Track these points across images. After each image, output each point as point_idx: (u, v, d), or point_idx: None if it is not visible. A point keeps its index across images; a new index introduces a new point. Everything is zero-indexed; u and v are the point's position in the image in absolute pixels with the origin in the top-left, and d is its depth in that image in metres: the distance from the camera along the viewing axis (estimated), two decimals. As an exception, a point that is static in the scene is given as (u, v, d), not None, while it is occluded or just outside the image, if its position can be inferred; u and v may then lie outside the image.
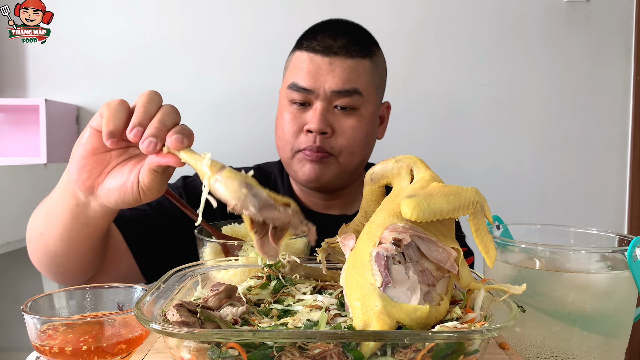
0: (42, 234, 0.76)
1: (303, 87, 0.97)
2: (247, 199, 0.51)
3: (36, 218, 0.79)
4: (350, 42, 0.99)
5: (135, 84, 2.00)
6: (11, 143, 2.00)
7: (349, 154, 0.99)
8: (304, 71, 0.97)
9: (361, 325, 0.44)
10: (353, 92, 0.97)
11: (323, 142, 0.97)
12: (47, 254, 0.77)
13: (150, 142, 0.55)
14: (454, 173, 1.96)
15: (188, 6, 1.99)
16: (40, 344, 0.59)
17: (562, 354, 0.67)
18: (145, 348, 0.57)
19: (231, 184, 0.51)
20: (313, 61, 0.97)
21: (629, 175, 2.01)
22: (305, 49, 0.99)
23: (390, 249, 0.47)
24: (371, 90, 1.01)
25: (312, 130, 0.97)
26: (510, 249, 0.73)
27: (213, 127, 1.99)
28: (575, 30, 1.98)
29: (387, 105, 1.11)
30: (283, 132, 1.01)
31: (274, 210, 0.53)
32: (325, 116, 0.97)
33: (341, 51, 0.97)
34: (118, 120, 0.57)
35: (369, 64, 1.01)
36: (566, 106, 2.01)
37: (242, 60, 2.00)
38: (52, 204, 0.73)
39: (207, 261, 0.66)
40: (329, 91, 0.96)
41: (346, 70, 0.97)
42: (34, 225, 0.79)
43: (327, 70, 0.96)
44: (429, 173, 0.56)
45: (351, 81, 0.97)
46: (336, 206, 1.10)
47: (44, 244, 0.76)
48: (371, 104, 1.01)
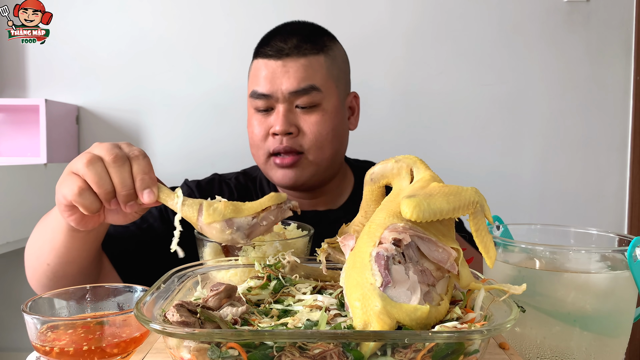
0: (49, 264, 0.80)
1: (262, 93, 1.00)
2: (233, 237, 0.56)
3: (38, 249, 0.83)
4: (301, 41, 1.01)
5: (135, 83, 2.00)
6: (11, 143, 2.00)
7: (318, 149, 1.01)
8: (261, 78, 1.01)
9: (361, 325, 0.44)
10: (310, 90, 0.99)
11: (290, 142, 1.00)
12: (55, 279, 0.82)
13: (131, 206, 0.63)
14: (454, 173, 1.96)
15: (187, 6, 1.99)
16: (40, 344, 0.59)
17: (562, 354, 0.67)
18: (145, 348, 0.57)
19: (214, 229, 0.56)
20: (268, 66, 1.00)
21: (629, 175, 2.01)
22: (260, 55, 1.03)
23: (390, 249, 0.47)
24: (330, 84, 1.02)
25: (277, 132, 0.99)
26: (510, 249, 0.73)
27: (211, 126, 1.99)
28: (575, 30, 1.98)
29: (355, 95, 1.13)
30: (253, 139, 1.04)
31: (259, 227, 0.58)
32: (287, 117, 0.99)
33: (293, 52, 1.00)
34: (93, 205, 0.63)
35: (324, 59, 1.02)
36: (566, 106, 2.00)
37: (241, 58, 2.00)
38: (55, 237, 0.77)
39: (207, 261, 0.66)
40: (286, 92, 0.99)
41: (300, 69, 0.99)
42: (38, 257, 0.83)
43: (282, 72, 0.99)
44: (429, 173, 0.56)
45: (306, 79, 0.99)
46: (321, 203, 1.11)
47: (52, 272, 0.81)
48: (333, 97, 1.03)
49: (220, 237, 0.56)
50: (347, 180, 1.16)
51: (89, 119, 2.02)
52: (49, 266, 0.80)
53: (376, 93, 1.99)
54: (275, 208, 0.59)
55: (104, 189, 0.62)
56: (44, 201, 1.64)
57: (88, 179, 0.62)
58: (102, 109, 2.02)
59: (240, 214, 0.56)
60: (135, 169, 0.62)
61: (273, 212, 0.59)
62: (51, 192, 0.91)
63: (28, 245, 0.86)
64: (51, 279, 0.82)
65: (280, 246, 0.72)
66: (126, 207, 0.63)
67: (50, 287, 0.83)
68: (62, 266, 0.80)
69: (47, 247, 0.79)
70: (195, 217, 0.56)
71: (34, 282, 0.86)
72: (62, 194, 0.65)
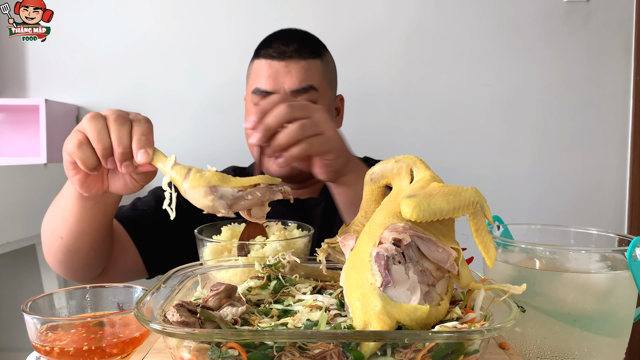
0: (63, 237, 0.84)
1: (265, 90, 1.07)
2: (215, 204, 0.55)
3: (52, 222, 0.87)
4: (302, 45, 1.10)
5: (135, 83, 2.00)
6: (11, 143, 2.00)
7: None
8: (265, 76, 1.08)
9: (361, 325, 0.44)
10: (309, 89, 1.07)
11: None
12: (69, 253, 0.86)
13: (127, 166, 0.65)
14: (454, 173, 1.96)
15: (187, 6, 1.99)
16: (40, 344, 0.59)
17: (562, 354, 0.67)
18: (145, 348, 0.57)
19: (197, 193, 0.55)
20: (271, 66, 1.08)
21: (628, 174, 2.01)
22: (263, 56, 1.10)
23: (390, 249, 0.47)
24: (325, 86, 1.12)
25: None
26: (510, 249, 0.73)
27: (210, 126, 1.99)
28: (575, 30, 1.98)
29: (341, 97, 1.24)
30: None
31: (243, 200, 0.57)
32: None
33: (294, 54, 1.08)
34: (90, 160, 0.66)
35: (320, 63, 1.12)
36: (566, 106, 2.00)
37: (240, 58, 1.99)
38: (67, 208, 0.81)
39: (207, 261, 0.66)
40: (288, 91, 1.06)
41: (301, 70, 1.08)
42: (52, 230, 0.86)
43: (284, 72, 1.07)
44: (429, 173, 0.56)
45: (306, 79, 1.08)
46: (306, 193, 1.18)
47: (65, 245, 0.85)
48: (327, 98, 1.12)
49: (201, 202, 0.56)
50: None
51: (89, 119, 2.02)
52: (62, 239, 0.84)
53: (375, 93, 1.99)
54: (265, 187, 0.59)
55: (102, 144, 0.64)
56: (44, 201, 1.63)
57: (88, 134, 0.65)
58: (102, 109, 2.00)
59: (226, 184, 0.56)
60: (135, 130, 0.65)
61: (261, 189, 0.59)
62: (51, 192, 0.91)
63: (44, 221, 0.90)
64: (65, 253, 0.86)
65: (280, 246, 0.72)
66: (122, 167, 0.65)
67: (66, 263, 0.88)
68: (74, 239, 0.83)
69: (59, 219, 0.83)
70: (182, 180, 0.56)
71: (51, 257, 0.90)
72: (65, 149, 0.68)
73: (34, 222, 0.90)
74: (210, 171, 0.58)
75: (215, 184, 0.56)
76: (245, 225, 0.81)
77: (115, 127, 0.65)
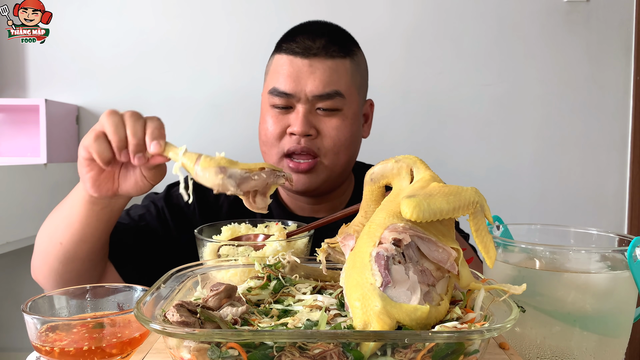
0: (63, 243, 0.83)
1: (284, 92, 0.96)
2: (224, 183, 0.61)
3: (52, 229, 0.85)
4: (330, 42, 0.98)
5: (135, 83, 2.00)
6: (11, 143, 2.00)
7: (334, 155, 0.99)
8: (285, 75, 0.97)
9: (361, 325, 0.44)
10: (334, 95, 0.96)
11: (309, 143, 0.97)
12: (66, 261, 0.84)
13: (139, 158, 0.69)
14: (454, 173, 1.96)
15: (187, 6, 1.99)
16: (40, 344, 0.59)
17: (562, 354, 0.67)
18: (145, 348, 0.57)
19: (208, 173, 0.61)
20: (293, 64, 0.97)
21: (629, 175, 2.01)
22: (285, 51, 0.98)
23: (390, 249, 0.47)
24: (353, 91, 1.00)
25: (295, 133, 0.96)
26: (510, 249, 0.73)
27: (211, 127, 2.00)
28: (575, 30, 1.98)
29: (371, 103, 1.11)
30: (267, 136, 1.00)
31: (250, 180, 0.62)
32: (308, 119, 0.97)
33: (321, 52, 0.96)
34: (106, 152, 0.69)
35: (350, 64, 0.99)
36: (566, 106, 2.01)
37: (241, 59, 2.00)
38: (72, 213, 0.81)
39: (207, 261, 0.66)
40: (310, 95, 0.96)
41: (326, 71, 0.96)
42: (51, 237, 0.85)
43: (308, 72, 0.96)
44: (429, 173, 0.56)
45: (332, 83, 0.96)
46: (323, 210, 1.08)
47: (63, 252, 0.83)
48: (354, 104, 1.01)
49: (212, 181, 0.60)
50: (350, 187, 1.14)
51: (89, 119, 2.02)
52: (62, 245, 0.83)
53: (376, 93, 1.98)
54: (269, 171, 0.63)
55: (118, 136, 0.68)
56: (44, 201, 1.64)
57: (105, 128, 0.69)
58: (102, 109, 2.01)
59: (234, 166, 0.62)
60: (148, 124, 0.70)
61: (267, 172, 0.63)
62: (51, 192, 0.91)
63: (41, 231, 0.88)
64: (62, 261, 0.84)
65: (280, 246, 0.72)
66: (134, 159, 0.69)
67: (60, 272, 0.85)
68: (74, 245, 0.82)
69: (62, 224, 0.83)
70: (193, 163, 0.62)
71: (46, 267, 0.87)
72: (82, 144, 0.72)
73: (34, 222, 0.90)
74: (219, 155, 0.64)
75: (224, 165, 0.61)
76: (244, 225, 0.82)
77: (130, 121, 0.69)
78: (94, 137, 0.69)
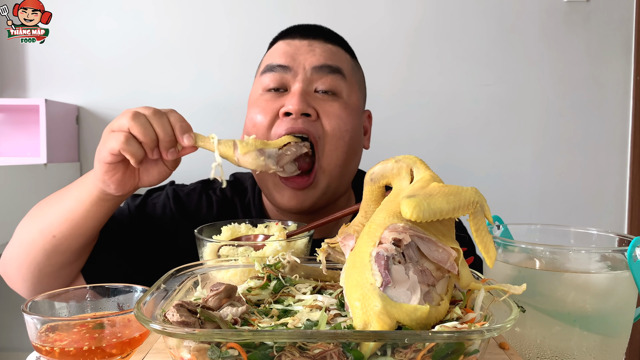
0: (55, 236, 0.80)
1: (279, 64, 0.87)
2: (267, 163, 0.69)
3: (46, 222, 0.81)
4: (329, 34, 0.94)
5: (135, 83, 2.00)
6: (11, 143, 2.00)
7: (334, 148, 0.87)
8: (280, 52, 0.89)
9: (361, 325, 0.44)
10: (336, 70, 0.87)
11: (307, 124, 0.84)
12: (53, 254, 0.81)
13: (172, 153, 0.71)
14: (454, 173, 1.96)
15: (188, 6, 1.99)
16: (40, 344, 0.59)
17: (562, 354, 0.67)
18: (145, 348, 0.57)
19: (250, 157, 0.68)
20: (291, 44, 0.89)
21: (629, 175, 2.01)
22: (282, 38, 0.93)
23: (390, 249, 0.47)
24: (354, 82, 0.92)
25: (291, 111, 0.84)
26: (510, 249, 0.73)
27: (212, 127, 1.99)
28: (574, 30, 1.98)
29: (369, 114, 1.02)
30: (256, 127, 0.88)
31: (284, 156, 0.73)
32: (305, 97, 0.85)
33: (320, 36, 0.91)
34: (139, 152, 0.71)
35: (350, 59, 0.94)
36: (566, 106, 2.01)
37: (241, 59, 2.00)
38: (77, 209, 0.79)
39: (207, 261, 0.66)
40: (309, 68, 0.86)
41: (326, 50, 0.89)
42: (42, 229, 0.81)
43: (307, 50, 0.88)
44: (429, 173, 0.56)
45: (333, 59, 0.88)
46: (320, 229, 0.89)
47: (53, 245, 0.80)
48: (354, 97, 0.91)
49: (255, 164, 0.67)
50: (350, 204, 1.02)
51: (89, 119, 2.02)
52: (54, 238, 0.80)
53: (375, 93, 1.99)
54: (295, 144, 0.73)
55: (149, 137, 0.69)
56: (43, 201, 1.64)
57: (134, 130, 0.69)
58: (102, 109, 2.02)
59: (268, 147, 0.69)
60: (172, 119, 0.72)
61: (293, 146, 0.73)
62: (51, 192, 0.91)
63: (27, 222, 0.85)
64: (49, 254, 0.81)
65: (280, 246, 0.72)
66: (167, 154, 0.71)
67: (42, 265, 0.82)
68: (68, 239, 0.81)
69: (61, 218, 0.80)
70: (232, 151, 0.68)
71: (27, 259, 0.82)
72: (108, 148, 0.70)
73: (34, 222, 0.89)
74: (251, 138, 0.70)
75: (260, 147, 0.68)
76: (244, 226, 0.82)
77: (156, 120, 0.70)
78: (124, 139, 0.69)
